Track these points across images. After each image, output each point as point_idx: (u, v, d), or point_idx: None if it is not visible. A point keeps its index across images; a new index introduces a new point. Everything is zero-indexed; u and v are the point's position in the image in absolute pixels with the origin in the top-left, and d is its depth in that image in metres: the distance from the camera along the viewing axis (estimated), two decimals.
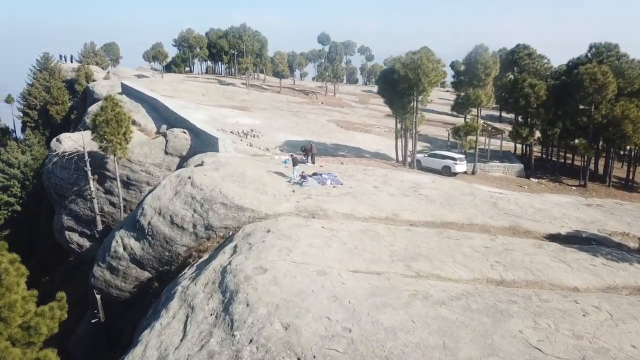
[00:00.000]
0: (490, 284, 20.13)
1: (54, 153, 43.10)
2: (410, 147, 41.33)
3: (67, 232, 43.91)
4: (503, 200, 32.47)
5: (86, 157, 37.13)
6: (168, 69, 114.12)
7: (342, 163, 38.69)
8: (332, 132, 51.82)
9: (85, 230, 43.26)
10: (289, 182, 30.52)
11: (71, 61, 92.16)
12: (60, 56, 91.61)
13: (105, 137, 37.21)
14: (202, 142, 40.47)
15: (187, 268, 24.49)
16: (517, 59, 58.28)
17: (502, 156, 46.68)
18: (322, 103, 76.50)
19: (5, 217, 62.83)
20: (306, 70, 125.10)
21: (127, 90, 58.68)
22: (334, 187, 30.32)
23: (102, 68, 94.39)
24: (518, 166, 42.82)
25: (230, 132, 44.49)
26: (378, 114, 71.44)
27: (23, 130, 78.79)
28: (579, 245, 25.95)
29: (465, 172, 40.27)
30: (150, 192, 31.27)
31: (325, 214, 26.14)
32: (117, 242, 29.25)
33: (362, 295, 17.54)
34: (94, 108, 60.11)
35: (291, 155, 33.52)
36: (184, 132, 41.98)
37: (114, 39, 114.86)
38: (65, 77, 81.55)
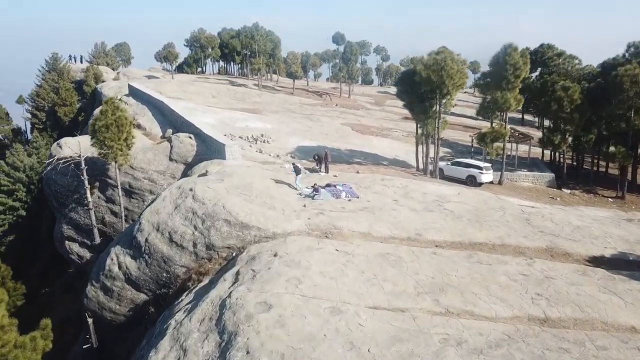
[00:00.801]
0: (533, 323, 17.20)
1: (54, 159, 40.91)
2: (431, 155, 38.37)
3: (67, 242, 41.74)
4: (536, 216, 29.37)
5: (82, 164, 34.80)
6: (180, 69, 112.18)
7: (357, 172, 35.86)
8: (346, 137, 48.99)
9: (85, 240, 41.03)
10: (300, 195, 27.80)
11: (81, 61, 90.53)
12: (70, 56, 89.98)
13: (105, 143, 34.89)
14: (209, 148, 37.96)
15: (185, 294, 21.92)
16: (545, 59, 54.85)
17: (530, 164, 43.43)
18: (336, 105, 73.70)
19: (10, 222, 61.06)
20: (320, 70, 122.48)
21: (133, 92, 56.52)
22: (350, 200, 27.53)
23: (113, 69, 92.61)
24: (549, 175, 39.56)
25: (239, 137, 41.93)
26: (395, 117, 68.43)
27: (32, 131, 77.31)
28: (628, 271, 22.81)
29: (491, 182, 37.19)
30: (150, 204, 28.79)
31: (339, 233, 23.38)
32: (112, 259, 26.80)
33: (384, 341, 14.77)
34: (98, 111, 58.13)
35: (293, 164, 30.80)
36: (190, 137, 39.51)
37: (126, 39, 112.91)
38: (75, 78, 79.90)
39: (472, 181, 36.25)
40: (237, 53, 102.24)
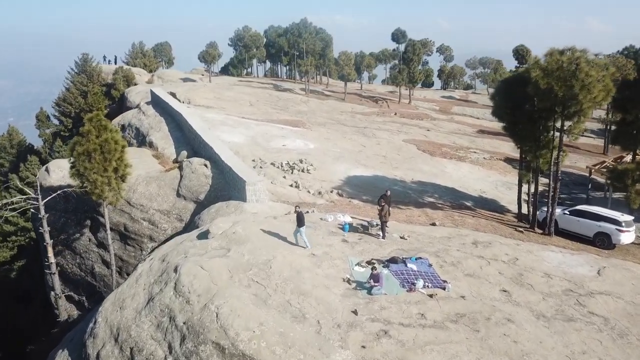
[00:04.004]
0: None
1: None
2: (544, 197, 26.71)
3: (52, 292, 33.08)
4: None
5: (42, 211, 25.63)
6: (225, 71, 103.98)
7: (434, 223, 24.84)
8: (412, 161, 37.86)
9: (72, 293, 32.28)
10: (348, 281, 17.15)
11: (115, 63, 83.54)
12: (104, 58, 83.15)
13: (86, 175, 25.67)
14: (227, 182, 28.08)
15: None
16: None
17: None
18: (395, 114, 62.42)
19: (22, 245, 54.12)
20: (375, 72, 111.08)
21: (155, 100, 47.75)
22: (432, 297, 16.61)
23: (150, 70, 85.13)
24: None
25: (271, 163, 31.80)
26: (468, 129, 56.35)
27: (55, 139, 70.64)
28: None
29: (632, 243, 25.13)
30: (119, 287, 19.16)
31: None
32: None
33: None
34: (117, 120, 49.89)
35: (296, 208, 19.88)
36: (205, 166, 29.77)
37: (176, 40, 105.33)
38: (106, 81, 72.69)
39: (603, 242, 24.41)
40: (285, 53, 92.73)
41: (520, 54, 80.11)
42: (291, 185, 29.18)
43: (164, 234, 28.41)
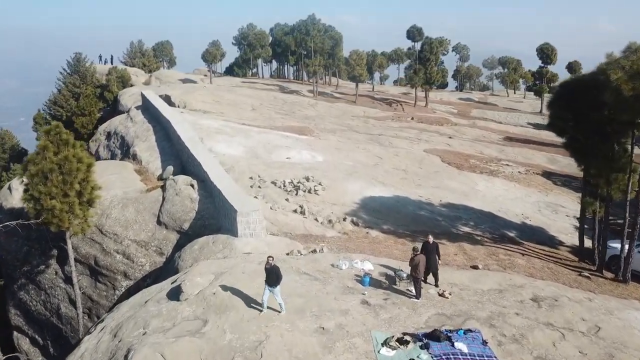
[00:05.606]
0: None
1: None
2: (613, 233, 21.31)
3: (15, 333, 28.34)
4: None
5: None
6: (230, 71, 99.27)
7: (476, 266, 19.58)
8: (437, 176, 32.58)
9: (36, 336, 27.45)
10: None
11: (111, 62, 78.90)
12: (100, 57, 78.53)
13: (42, 201, 20.79)
14: (217, 209, 23.03)
15: None
16: None
17: None
18: (412, 119, 57.15)
19: None
20: (387, 72, 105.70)
21: (145, 104, 42.83)
22: None
23: (150, 70, 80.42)
24: None
25: (272, 182, 26.72)
26: (494, 136, 50.91)
27: None
28: None
29: None
30: None
31: None
32: None
33: None
34: (104, 127, 45.09)
35: (269, 260, 13.89)
36: (191, 186, 24.75)
37: (182, 39, 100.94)
38: (101, 82, 68.04)
39: None
40: (292, 52, 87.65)
41: (545, 52, 74.17)
42: (295, 211, 24.06)
43: (140, 270, 23.41)
